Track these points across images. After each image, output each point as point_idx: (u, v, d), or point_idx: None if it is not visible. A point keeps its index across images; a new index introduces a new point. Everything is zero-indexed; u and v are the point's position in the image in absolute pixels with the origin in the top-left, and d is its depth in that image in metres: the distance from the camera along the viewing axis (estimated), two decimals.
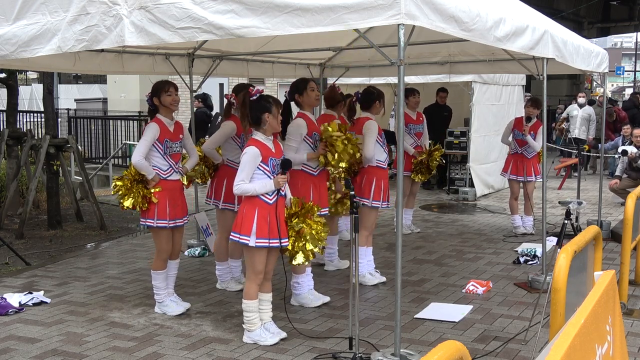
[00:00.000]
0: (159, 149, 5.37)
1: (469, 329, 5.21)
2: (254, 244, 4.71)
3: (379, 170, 6.35)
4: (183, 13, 4.17)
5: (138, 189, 5.32)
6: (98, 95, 25.97)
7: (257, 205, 4.73)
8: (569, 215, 5.19)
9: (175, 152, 5.49)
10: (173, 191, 5.46)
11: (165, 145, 5.39)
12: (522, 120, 8.29)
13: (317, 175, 5.76)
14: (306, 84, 5.77)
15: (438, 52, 8.22)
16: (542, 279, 6.02)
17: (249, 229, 4.71)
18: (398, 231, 4.10)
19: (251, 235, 4.70)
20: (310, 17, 3.86)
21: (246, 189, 4.70)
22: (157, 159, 5.39)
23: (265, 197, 4.75)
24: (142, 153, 5.27)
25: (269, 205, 4.75)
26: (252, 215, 4.71)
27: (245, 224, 4.72)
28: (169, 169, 5.44)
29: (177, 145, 5.52)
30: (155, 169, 5.36)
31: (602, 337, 2.77)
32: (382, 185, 6.33)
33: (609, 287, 3.08)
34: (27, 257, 7.50)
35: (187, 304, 5.69)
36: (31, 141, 9.63)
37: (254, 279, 4.84)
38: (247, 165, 4.70)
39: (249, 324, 4.90)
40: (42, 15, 4.77)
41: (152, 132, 5.32)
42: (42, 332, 5.19)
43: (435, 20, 3.95)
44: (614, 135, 14.28)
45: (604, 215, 9.09)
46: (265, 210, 4.74)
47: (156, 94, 5.41)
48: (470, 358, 2.21)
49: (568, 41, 6.32)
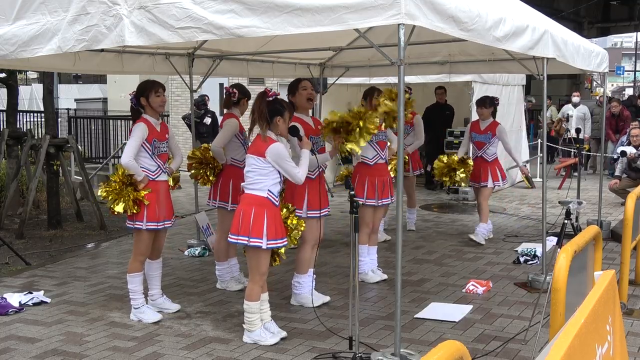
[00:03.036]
0: (147, 149, 5.29)
1: (469, 329, 5.21)
2: (266, 246, 4.71)
3: (366, 167, 6.37)
4: (183, 13, 4.17)
5: (128, 192, 5.22)
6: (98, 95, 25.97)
7: (266, 207, 4.74)
8: (569, 215, 5.19)
9: (163, 152, 5.45)
10: (160, 192, 5.40)
11: (153, 145, 5.32)
12: (478, 122, 8.17)
13: (315, 179, 5.58)
14: (298, 83, 5.71)
15: (438, 52, 8.21)
16: (542, 278, 6.02)
17: (260, 231, 4.69)
18: (398, 231, 4.10)
19: (263, 238, 4.69)
20: (311, 17, 3.86)
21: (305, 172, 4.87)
22: (146, 159, 5.30)
23: (274, 199, 4.77)
24: (131, 154, 5.18)
25: (276, 207, 4.79)
26: (262, 217, 4.71)
27: (255, 226, 4.70)
28: (157, 170, 5.37)
29: (164, 145, 5.47)
30: (144, 170, 5.29)
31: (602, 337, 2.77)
32: (376, 182, 6.35)
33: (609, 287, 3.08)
34: (27, 257, 7.50)
35: (176, 305, 5.66)
36: (31, 141, 9.63)
37: (258, 281, 4.84)
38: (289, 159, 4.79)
39: (249, 324, 4.90)
40: (42, 15, 4.77)
41: (140, 132, 5.23)
42: (42, 332, 5.19)
43: (434, 20, 3.95)
44: (615, 136, 14.26)
45: (604, 215, 9.09)
46: (273, 212, 4.76)
47: (144, 94, 5.31)
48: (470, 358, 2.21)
49: (568, 41, 6.32)
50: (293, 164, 4.79)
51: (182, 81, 8.16)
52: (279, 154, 4.71)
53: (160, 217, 5.38)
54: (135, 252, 5.42)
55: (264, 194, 4.75)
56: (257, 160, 4.75)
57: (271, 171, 4.74)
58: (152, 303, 5.58)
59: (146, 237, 5.36)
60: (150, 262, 5.56)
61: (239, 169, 5.92)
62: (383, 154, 6.48)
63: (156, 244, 5.52)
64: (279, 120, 4.80)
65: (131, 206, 5.21)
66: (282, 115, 4.81)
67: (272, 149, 4.71)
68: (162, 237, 5.61)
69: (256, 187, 4.77)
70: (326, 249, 7.64)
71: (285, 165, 4.75)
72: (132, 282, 5.42)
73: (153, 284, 5.62)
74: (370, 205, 6.38)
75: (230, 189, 6.09)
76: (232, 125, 6.02)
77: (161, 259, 5.67)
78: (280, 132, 4.86)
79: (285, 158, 4.74)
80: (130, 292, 5.44)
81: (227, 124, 6.04)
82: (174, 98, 16.93)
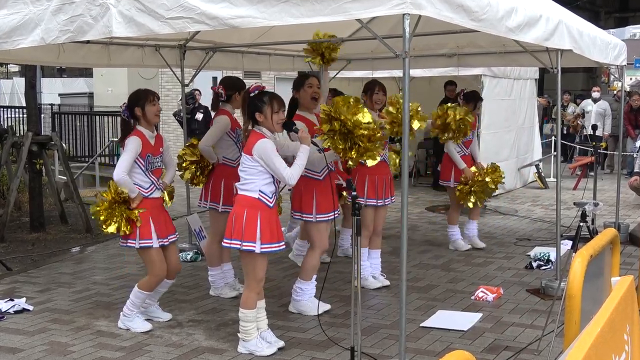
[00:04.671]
0: (140, 165, 5.24)
1: (479, 338, 5.22)
2: (260, 250, 4.71)
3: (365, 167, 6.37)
4: (174, 2, 4.17)
5: (120, 211, 5.18)
6: (83, 89, 25.95)
7: (258, 209, 4.74)
8: (585, 218, 5.20)
9: (157, 167, 5.40)
10: (155, 209, 5.35)
11: (147, 160, 5.27)
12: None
13: (323, 180, 5.57)
14: (304, 80, 5.73)
15: (445, 43, 8.22)
16: (556, 285, 6.03)
17: (253, 235, 4.70)
18: (403, 235, 4.11)
19: (256, 241, 4.70)
20: (310, 6, 3.86)
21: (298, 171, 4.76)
22: (139, 175, 5.25)
23: (266, 200, 4.76)
24: (124, 169, 5.11)
25: (270, 209, 4.78)
26: (255, 219, 4.71)
27: (248, 229, 4.70)
28: (151, 187, 5.32)
29: (159, 160, 5.42)
30: (136, 187, 5.24)
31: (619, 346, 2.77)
32: (376, 180, 6.34)
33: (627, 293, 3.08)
34: (7, 262, 7.50)
35: (168, 314, 5.67)
36: (12, 138, 9.63)
37: (255, 287, 4.84)
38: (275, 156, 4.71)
39: (245, 333, 4.90)
40: (24, 4, 4.77)
41: (134, 146, 5.16)
42: (24, 342, 5.19)
43: (442, 9, 3.95)
44: (635, 132, 14.28)
45: (621, 217, 9.10)
46: (267, 213, 4.75)
47: (138, 104, 5.25)
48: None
49: (584, 32, 6.32)
50: (282, 163, 4.73)
51: (173, 75, 8.17)
52: (265, 150, 4.69)
53: (161, 233, 5.32)
54: (150, 274, 5.37)
55: (255, 195, 4.75)
56: (247, 158, 4.77)
57: (261, 170, 4.74)
58: (143, 311, 5.58)
59: (152, 254, 5.29)
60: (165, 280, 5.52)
61: (231, 168, 5.92)
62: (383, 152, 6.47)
63: (169, 263, 5.44)
64: (259, 117, 4.80)
65: (124, 225, 5.17)
66: (261, 110, 4.79)
67: (258, 146, 4.70)
68: (173, 254, 5.53)
69: (247, 187, 4.77)
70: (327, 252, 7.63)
71: (271, 163, 4.69)
72: (138, 297, 5.39)
73: (152, 297, 5.61)
74: (371, 205, 6.38)
75: (222, 190, 6.08)
76: (222, 122, 6.01)
77: (174, 281, 5.66)
78: (267, 127, 4.84)
79: (270, 155, 4.69)
80: (130, 303, 5.42)
81: (217, 121, 6.04)
82: (164, 93, 16.93)
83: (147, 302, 5.59)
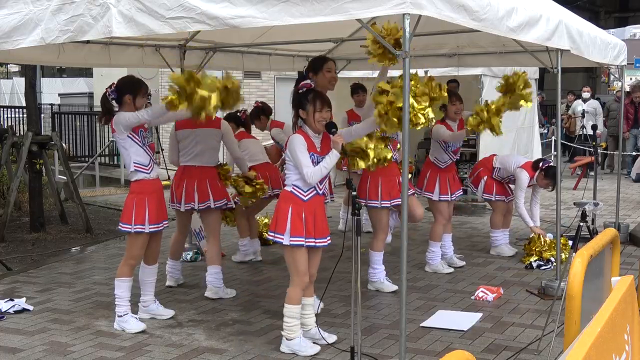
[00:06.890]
0: (135, 139, 5.27)
1: (479, 338, 5.22)
2: (288, 242, 4.75)
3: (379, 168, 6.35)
4: (174, 2, 4.17)
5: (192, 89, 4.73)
6: (83, 89, 25.96)
7: (291, 202, 4.79)
8: (585, 218, 5.20)
9: (151, 141, 5.45)
10: (154, 194, 5.39)
11: (140, 135, 5.32)
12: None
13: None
14: (323, 63, 5.72)
15: (445, 43, 8.21)
16: (556, 285, 6.02)
17: (282, 227, 4.75)
18: (403, 235, 4.10)
19: (285, 234, 4.73)
20: (310, 6, 3.86)
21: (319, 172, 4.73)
22: (138, 150, 5.28)
23: (300, 194, 4.79)
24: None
25: (303, 202, 4.80)
26: (286, 212, 4.77)
27: (279, 221, 4.77)
28: (150, 164, 5.36)
29: (149, 135, 5.47)
30: (138, 166, 5.28)
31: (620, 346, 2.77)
32: (389, 182, 6.32)
33: (627, 293, 3.08)
34: (8, 262, 7.51)
35: (170, 311, 5.68)
36: (12, 138, 9.62)
37: (298, 282, 4.85)
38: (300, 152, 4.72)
39: (288, 330, 4.89)
40: (24, 4, 4.77)
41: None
42: (24, 342, 5.20)
43: (443, 9, 3.94)
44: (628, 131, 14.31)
45: (621, 217, 9.10)
46: (300, 207, 4.78)
47: (132, 93, 5.31)
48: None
49: (584, 32, 6.32)
50: (306, 160, 4.73)
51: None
52: (292, 145, 4.77)
53: (160, 218, 5.40)
54: (127, 256, 5.42)
55: (289, 189, 4.83)
56: (287, 154, 4.88)
57: (293, 165, 4.82)
58: (145, 309, 5.59)
59: (140, 240, 5.36)
60: (145, 267, 5.57)
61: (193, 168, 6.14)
62: (395, 153, 6.43)
63: (151, 248, 5.52)
64: (302, 114, 4.86)
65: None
66: (305, 107, 4.84)
67: (289, 141, 4.82)
68: (158, 240, 5.61)
69: (287, 181, 4.90)
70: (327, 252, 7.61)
71: (296, 158, 4.74)
72: (120, 287, 5.41)
73: (146, 290, 5.63)
74: (386, 207, 6.33)
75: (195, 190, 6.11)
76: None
77: (157, 265, 5.68)
78: (309, 125, 4.86)
79: (296, 151, 4.72)
80: (116, 298, 5.44)
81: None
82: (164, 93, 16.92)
83: (143, 300, 5.59)
